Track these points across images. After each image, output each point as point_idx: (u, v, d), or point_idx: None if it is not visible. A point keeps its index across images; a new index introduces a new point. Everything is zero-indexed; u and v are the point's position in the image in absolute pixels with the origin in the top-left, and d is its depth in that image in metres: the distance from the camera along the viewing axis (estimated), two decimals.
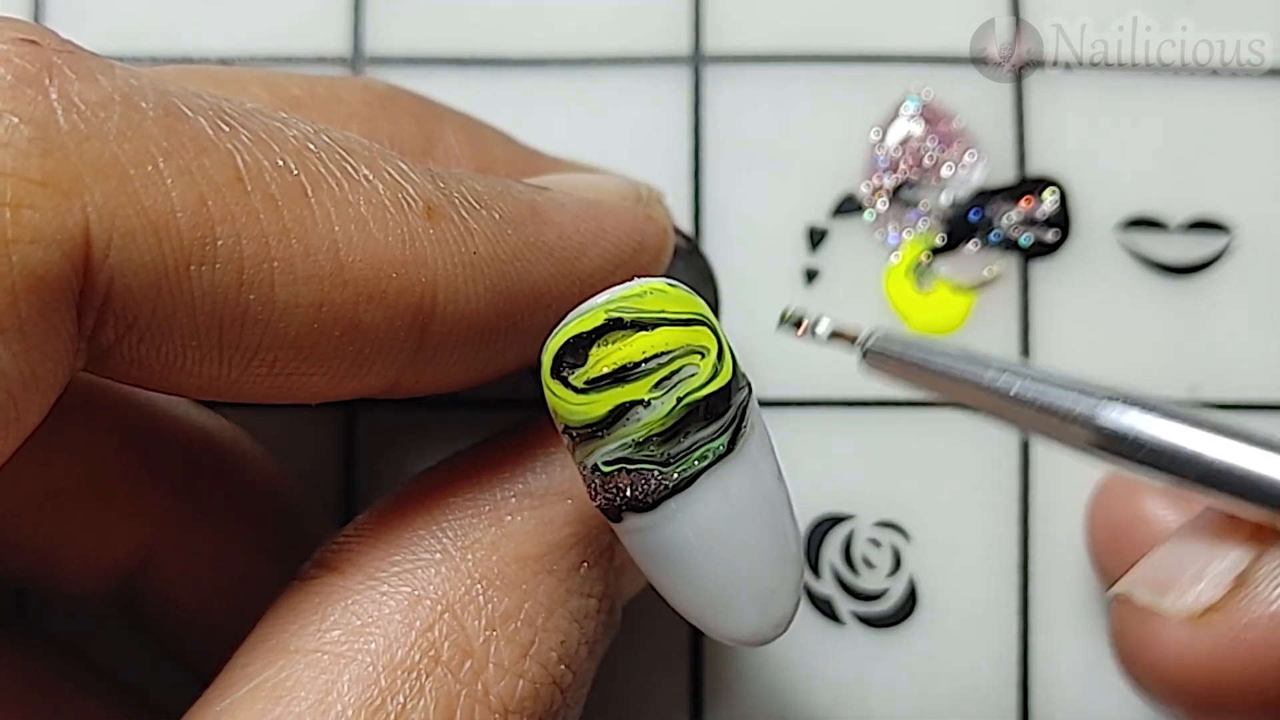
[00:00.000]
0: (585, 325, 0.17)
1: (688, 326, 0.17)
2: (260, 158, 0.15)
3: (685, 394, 0.17)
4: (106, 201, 0.14)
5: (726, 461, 0.17)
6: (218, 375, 0.16)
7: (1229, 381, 0.26)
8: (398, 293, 0.16)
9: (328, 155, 0.16)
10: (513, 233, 0.18)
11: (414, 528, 0.18)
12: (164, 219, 0.15)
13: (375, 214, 0.16)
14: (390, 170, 0.17)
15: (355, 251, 0.16)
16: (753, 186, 0.26)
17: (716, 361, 0.17)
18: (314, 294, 0.16)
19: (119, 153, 0.14)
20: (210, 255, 0.15)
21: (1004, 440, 0.26)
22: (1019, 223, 0.26)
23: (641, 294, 0.17)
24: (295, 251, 0.15)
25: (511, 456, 0.19)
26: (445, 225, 0.17)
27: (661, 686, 0.25)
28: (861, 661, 0.25)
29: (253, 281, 0.15)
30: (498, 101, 0.26)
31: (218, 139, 0.15)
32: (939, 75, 0.26)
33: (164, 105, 0.15)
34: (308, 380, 0.17)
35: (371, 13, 0.27)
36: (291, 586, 0.18)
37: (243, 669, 0.17)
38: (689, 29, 0.26)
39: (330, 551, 0.18)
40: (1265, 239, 0.26)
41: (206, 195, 0.15)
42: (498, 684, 0.17)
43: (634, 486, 0.17)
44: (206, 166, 0.15)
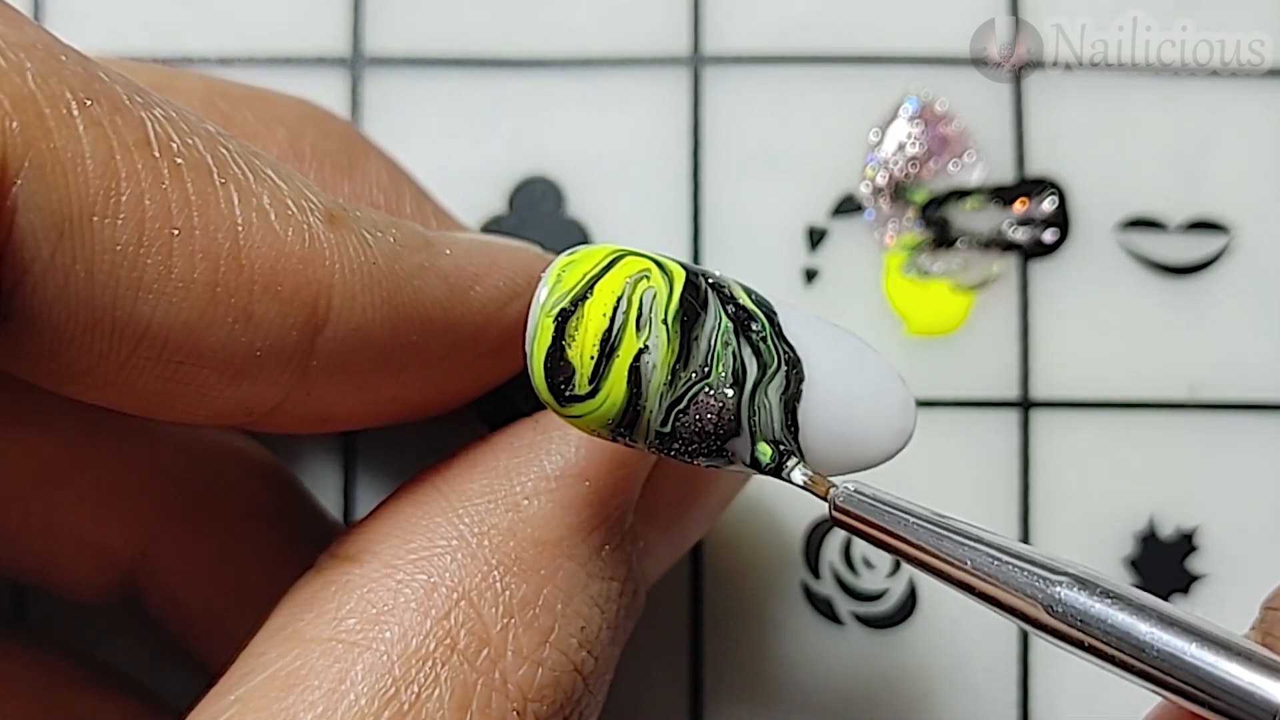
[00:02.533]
0: (545, 340, 0.16)
1: (614, 266, 0.17)
2: (170, 131, 0.16)
3: (664, 313, 0.17)
4: (22, 132, 0.14)
5: None
6: (107, 353, 0.16)
7: (1229, 381, 0.26)
8: (293, 288, 0.16)
9: (238, 150, 0.16)
10: (409, 253, 0.18)
11: (430, 515, 0.18)
12: (73, 162, 0.15)
13: (278, 208, 0.16)
14: (296, 179, 0.17)
15: (254, 238, 0.16)
16: (753, 186, 0.26)
17: (661, 270, 0.17)
18: (210, 272, 0.16)
19: (36, 91, 0.15)
20: (114, 208, 0.15)
21: (1004, 440, 0.26)
22: (1017, 223, 0.26)
23: (557, 277, 0.17)
24: (196, 224, 0.16)
25: (527, 440, 0.19)
26: (345, 233, 0.17)
27: (661, 686, 0.25)
28: (861, 661, 0.25)
29: (152, 245, 0.15)
30: (498, 101, 0.26)
31: (131, 105, 0.16)
32: (939, 75, 0.26)
33: (83, 64, 0.15)
34: (196, 377, 0.16)
35: (371, 13, 0.27)
36: (308, 575, 0.18)
37: (258, 657, 0.17)
38: (688, 29, 0.26)
39: (347, 540, 0.18)
40: (1265, 239, 0.26)
41: (116, 149, 0.15)
42: (516, 672, 0.17)
43: (705, 421, 0.17)
44: (119, 124, 0.15)
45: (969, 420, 0.26)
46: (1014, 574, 0.16)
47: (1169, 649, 0.16)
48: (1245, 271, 0.26)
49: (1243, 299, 0.26)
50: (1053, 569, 0.16)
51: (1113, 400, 0.26)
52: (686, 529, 0.21)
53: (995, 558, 0.16)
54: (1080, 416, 0.26)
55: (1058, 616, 0.16)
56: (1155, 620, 0.16)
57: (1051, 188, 0.26)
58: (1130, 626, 0.16)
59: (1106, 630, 0.16)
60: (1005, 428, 0.26)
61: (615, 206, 0.26)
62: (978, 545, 0.17)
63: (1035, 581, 0.16)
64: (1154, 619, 0.16)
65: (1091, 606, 0.16)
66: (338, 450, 0.26)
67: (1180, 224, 0.26)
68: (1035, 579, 0.16)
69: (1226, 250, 0.26)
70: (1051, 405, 0.26)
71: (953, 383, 0.26)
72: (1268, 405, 0.26)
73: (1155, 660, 0.16)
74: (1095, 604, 0.16)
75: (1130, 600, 0.16)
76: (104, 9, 0.26)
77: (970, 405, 0.26)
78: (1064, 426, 0.26)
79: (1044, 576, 0.16)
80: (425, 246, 0.18)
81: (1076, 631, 0.16)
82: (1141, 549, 0.25)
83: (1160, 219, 0.26)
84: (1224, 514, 0.26)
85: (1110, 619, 0.16)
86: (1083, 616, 0.16)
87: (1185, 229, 0.26)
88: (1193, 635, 0.16)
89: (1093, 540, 0.25)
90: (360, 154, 0.22)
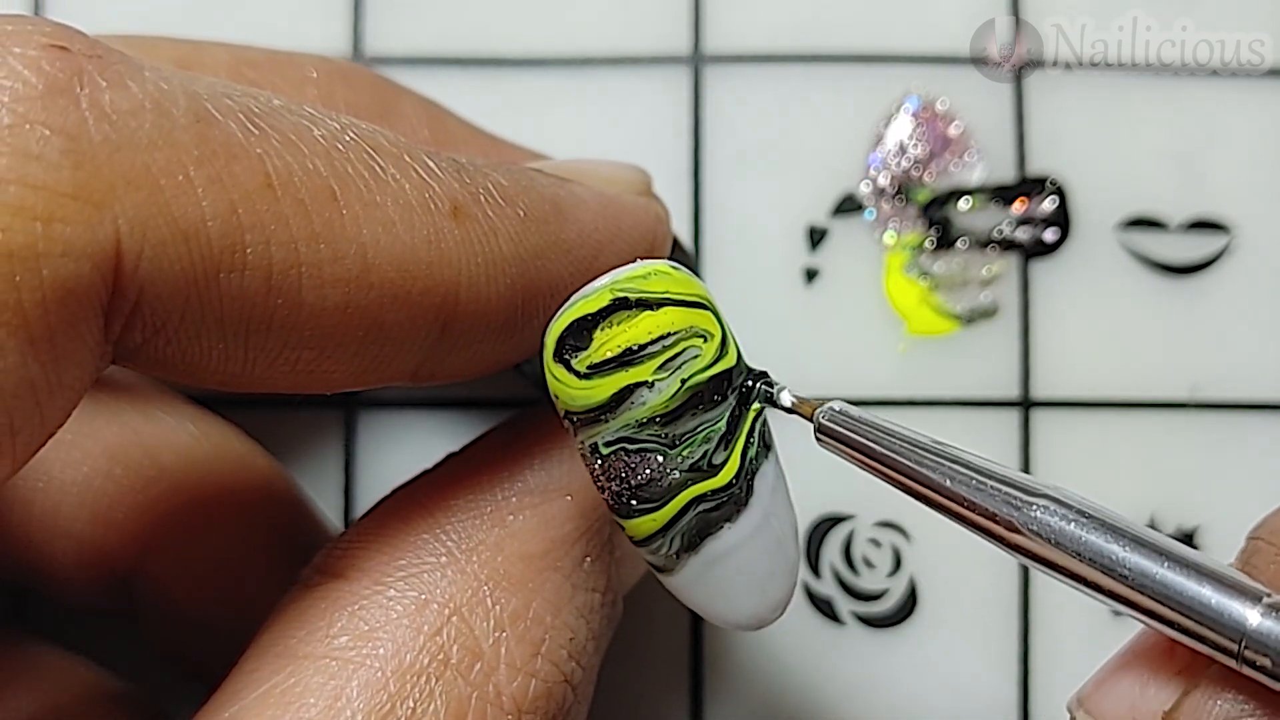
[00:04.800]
0: (590, 307, 0.17)
1: (692, 309, 0.17)
2: (290, 162, 0.15)
3: (689, 376, 0.17)
4: (138, 212, 0.14)
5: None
6: (241, 372, 0.16)
7: (1229, 381, 0.26)
8: (422, 293, 0.16)
9: (355, 154, 0.16)
10: (536, 231, 0.18)
11: (417, 531, 0.18)
12: (195, 228, 0.14)
13: (402, 215, 0.16)
14: (417, 168, 0.17)
15: (382, 254, 0.16)
16: (753, 186, 0.26)
17: (720, 345, 0.17)
18: (340, 296, 0.16)
19: (150, 163, 0.14)
20: (239, 262, 0.15)
21: (1003, 440, 0.26)
22: (1018, 222, 0.26)
23: (646, 275, 0.17)
24: (323, 256, 0.15)
25: (510, 455, 0.19)
26: (470, 225, 0.17)
27: (661, 686, 0.25)
28: (861, 661, 0.25)
29: (280, 286, 0.15)
30: (498, 101, 0.26)
31: (248, 144, 0.15)
32: (939, 75, 0.26)
33: (194, 111, 0.15)
34: (329, 374, 0.17)
35: (371, 13, 0.27)
36: (295, 592, 0.18)
37: (250, 674, 0.17)
38: (689, 29, 0.26)
39: (333, 556, 0.18)
40: (1265, 239, 0.26)
41: (237, 203, 0.15)
42: (510, 685, 0.17)
43: (638, 471, 0.17)
44: (237, 174, 0.15)
45: (969, 420, 0.26)
46: (991, 495, 0.16)
47: (1140, 569, 0.16)
48: (1245, 271, 0.26)
49: (1243, 299, 0.26)
50: (1029, 489, 0.16)
51: (1113, 400, 0.26)
52: None
53: (974, 479, 0.17)
54: (1080, 416, 0.26)
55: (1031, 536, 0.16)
56: (1129, 541, 0.16)
57: (1052, 187, 0.26)
58: (1103, 546, 0.16)
59: (1080, 549, 0.16)
60: (1005, 428, 0.26)
61: None
62: (957, 466, 0.17)
63: (1012, 501, 0.16)
64: (1127, 540, 0.16)
65: (1066, 527, 0.16)
66: (338, 451, 0.26)
67: (1180, 224, 0.26)
68: (1012, 499, 0.16)
69: (1226, 250, 0.26)
70: (1051, 405, 0.26)
71: (953, 383, 0.26)
72: (1268, 405, 0.26)
73: (1127, 580, 0.16)
74: (1069, 524, 0.16)
75: (1104, 521, 0.16)
76: (104, 9, 0.26)
77: (970, 405, 0.26)
78: (1064, 426, 0.26)
79: (1020, 498, 0.16)
80: (554, 215, 0.18)
81: (1052, 551, 0.16)
82: None
83: (1160, 219, 0.26)
84: (1224, 514, 0.26)
85: (1084, 539, 0.16)
86: (1058, 536, 0.16)
87: (1185, 229, 0.26)
88: (1165, 556, 0.16)
89: None
90: (393, 99, 0.22)
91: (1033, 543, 0.16)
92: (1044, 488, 0.16)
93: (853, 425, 0.18)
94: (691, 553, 0.17)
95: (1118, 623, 0.25)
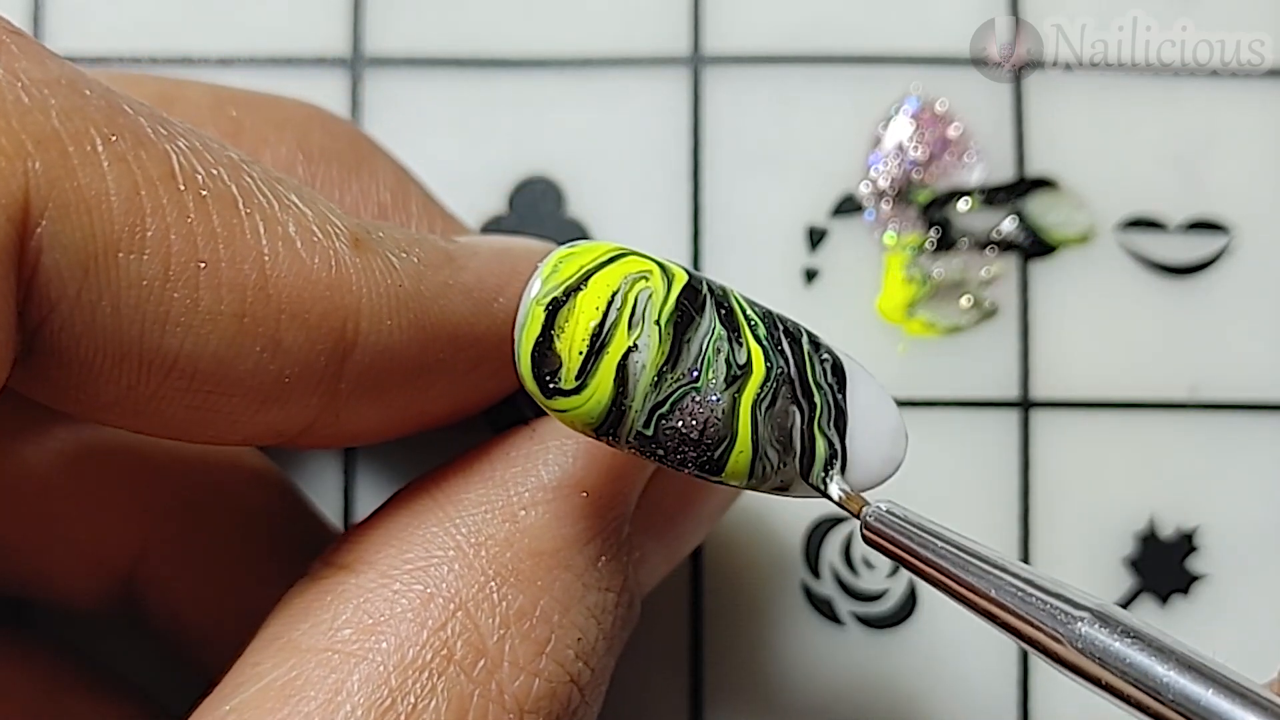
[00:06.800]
0: (534, 329, 0.16)
1: (613, 263, 0.17)
2: (195, 163, 0.16)
3: (658, 314, 0.17)
4: (46, 173, 0.14)
5: None
6: (135, 385, 0.16)
7: (1229, 381, 0.26)
8: (321, 315, 0.16)
9: (260, 177, 0.16)
10: (433, 272, 0.18)
11: (427, 524, 0.18)
12: (97, 199, 0.15)
13: (303, 236, 0.16)
14: (320, 203, 0.17)
15: (281, 267, 0.16)
16: (753, 186, 0.26)
17: (663, 273, 0.17)
18: (237, 303, 0.16)
19: (60, 129, 0.15)
20: (139, 244, 0.15)
21: (1004, 440, 0.26)
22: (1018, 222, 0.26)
23: (554, 268, 0.17)
24: (222, 256, 0.16)
25: (524, 450, 0.19)
26: (371, 257, 0.17)
27: (661, 686, 0.25)
28: (861, 662, 0.25)
29: (179, 279, 0.15)
30: (498, 101, 0.26)
31: (156, 138, 0.15)
32: (939, 75, 0.26)
33: (107, 98, 0.15)
34: (223, 409, 0.16)
35: (371, 13, 0.27)
36: (302, 584, 0.18)
37: (253, 667, 0.17)
38: (689, 29, 0.26)
39: (342, 549, 0.18)
40: (1265, 239, 0.26)
41: (140, 185, 0.15)
42: (513, 683, 0.17)
43: (689, 425, 0.17)
44: (143, 158, 0.15)
45: (969, 420, 0.26)
46: (1036, 607, 0.16)
47: (1186, 693, 0.15)
48: (1245, 271, 0.26)
49: (1243, 299, 0.26)
50: (1075, 603, 0.16)
51: (1113, 400, 0.26)
52: (681, 539, 0.21)
53: (1019, 590, 0.17)
54: (1080, 416, 0.26)
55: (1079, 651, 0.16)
56: (1174, 662, 0.16)
57: (1052, 188, 0.26)
58: (1149, 667, 0.16)
59: (1125, 669, 0.16)
60: (1005, 428, 0.26)
61: (615, 207, 0.26)
62: (1003, 575, 0.17)
63: (1057, 615, 0.16)
64: (1173, 661, 0.16)
65: (1111, 644, 0.16)
66: (338, 453, 0.26)
67: (1180, 224, 0.26)
68: (1058, 613, 0.16)
69: (1226, 250, 0.26)
70: (1051, 405, 0.26)
71: (953, 383, 0.26)
72: (1268, 405, 0.26)
73: (1172, 703, 0.15)
74: (1115, 642, 0.16)
75: (1150, 640, 0.16)
76: (104, 9, 0.26)
77: (970, 405, 0.26)
78: (1064, 426, 0.26)
79: (1066, 611, 0.16)
80: (448, 262, 0.18)
81: (1096, 667, 0.16)
82: (1141, 549, 0.26)
83: (1160, 219, 0.26)
84: (1224, 514, 0.26)
85: (1129, 658, 0.16)
86: (1102, 653, 0.16)
87: (1185, 229, 0.26)
88: (1211, 681, 0.15)
89: (1093, 540, 0.25)
90: (366, 154, 0.22)
91: (1078, 658, 0.16)
92: (1090, 601, 0.16)
93: (899, 527, 0.18)
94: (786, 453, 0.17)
95: None
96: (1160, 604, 0.25)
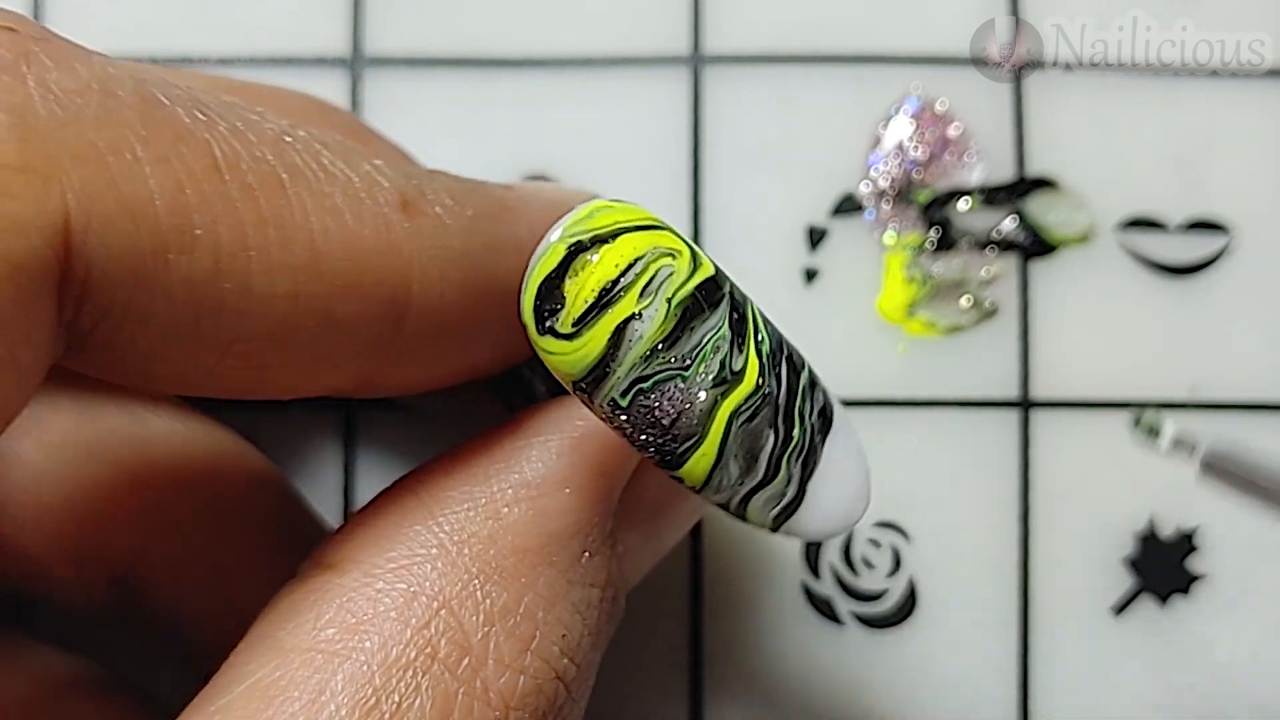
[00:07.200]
0: (550, 264, 0.16)
1: (649, 231, 0.17)
2: (237, 147, 0.15)
3: (673, 293, 0.16)
4: (85, 187, 0.14)
5: None
6: (193, 367, 0.16)
7: (1229, 382, 0.26)
8: (373, 284, 0.16)
9: (304, 148, 0.16)
10: (485, 226, 0.18)
11: (410, 523, 0.18)
12: (142, 205, 0.15)
13: (351, 206, 0.16)
14: (366, 165, 0.17)
15: (331, 242, 0.16)
16: (753, 186, 0.26)
17: (692, 258, 0.17)
18: (290, 284, 0.16)
19: (97, 139, 0.14)
20: (188, 243, 0.15)
21: (1004, 440, 0.26)
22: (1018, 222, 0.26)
23: (589, 214, 0.16)
24: (272, 241, 0.15)
25: (507, 447, 0.19)
26: (420, 219, 0.17)
27: (661, 686, 0.25)
28: (861, 661, 0.25)
29: (229, 270, 0.15)
30: (498, 101, 0.26)
31: (194, 128, 0.15)
32: (939, 75, 0.26)
33: (140, 93, 0.15)
34: (282, 373, 0.16)
35: (371, 13, 0.27)
36: (289, 584, 0.18)
37: (239, 668, 0.17)
38: (689, 29, 0.26)
39: (327, 548, 0.18)
40: (1265, 239, 0.26)
41: (184, 183, 0.15)
42: (498, 680, 0.17)
43: (665, 408, 0.16)
44: (184, 154, 0.15)
45: (969, 420, 0.26)
46: None
47: None
48: (1245, 271, 0.26)
49: (1243, 299, 0.26)
50: None
51: (1113, 400, 0.26)
52: (665, 532, 0.21)
53: None
54: (1080, 416, 0.26)
55: None
56: None
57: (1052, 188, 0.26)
58: None
59: None
60: (1005, 428, 0.26)
61: None
62: None
63: None
64: None
65: None
66: (338, 451, 0.26)
67: (1180, 224, 0.26)
68: None
69: (1226, 250, 0.26)
70: (1051, 405, 0.26)
71: (953, 383, 0.26)
72: (1268, 405, 0.26)
73: None
74: None
75: None
76: (104, 9, 0.26)
77: (970, 405, 0.26)
78: (1064, 426, 0.26)
79: None
80: (503, 213, 0.18)
81: None
82: (1141, 549, 0.25)
83: (1160, 219, 0.26)
84: (1224, 514, 0.25)
85: None
86: None
87: (1185, 229, 0.26)
88: None
89: (1093, 540, 0.25)
90: (366, 141, 0.22)
91: None
92: None
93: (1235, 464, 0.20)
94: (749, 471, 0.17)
95: (1118, 623, 0.25)
96: (1160, 604, 0.25)
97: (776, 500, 0.17)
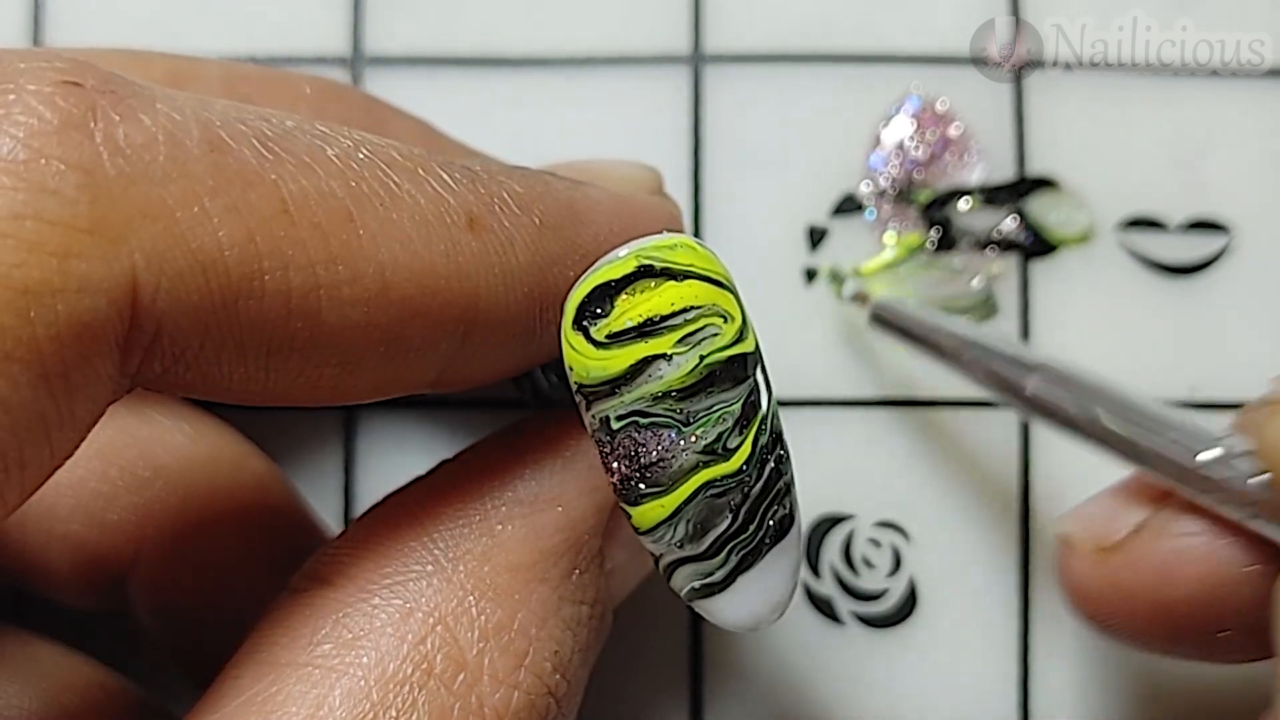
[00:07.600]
0: (615, 273, 0.16)
1: (715, 287, 0.17)
2: (305, 185, 0.15)
3: (708, 353, 0.17)
4: (154, 245, 0.14)
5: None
6: (262, 390, 0.16)
7: (1228, 381, 0.26)
8: (441, 306, 0.16)
9: (370, 173, 0.16)
10: (552, 237, 0.18)
11: (405, 539, 0.18)
12: (212, 258, 0.14)
13: (419, 231, 0.16)
14: (432, 182, 0.17)
15: (400, 271, 0.16)
16: (753, 186, 0.26)
17: (740, 328, 0.17)
18: (360, 315, 0.16)
19: (165, 195, 0.14)
20: (258, 289, 0.15)
21: (1004, 440, 0.26)
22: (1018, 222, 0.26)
23: (672, 246, 0.17)
24: (341, 277, 0.15)
25: (501, 464, 0.19)
26: (487, 236, 0.17)
27: (661, 686, 0.25)
28: (861, 661, 0.25)
29: (300, 310, 0.15)
30: (498, 101, 0.26)
31: (262, 170, 0.15)
32: (939, 75, 0.26)
33: (208, 139, 0.15)
34: (351, 387, 0.17)
35: (371, 13, 0.27)
36: (283, 599, 0.18)
37: (234, 682, 0.17)
38: (689, 29, 0.26)
39: (321, 563, 0.18)
40: (1265, 239, 0.26)
41: (254, 231, 0.15)
42: (492, 696, 0.17)
43: (649, 448, 0.17)
44: (253, 201, 0.15)
45: (969, 420, 0.26)
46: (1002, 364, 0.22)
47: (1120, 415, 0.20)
48: (1245, 271, 0.26)
49: (1243, 299, 0.26)
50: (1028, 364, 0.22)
51: None
52: None
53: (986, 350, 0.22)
54: None
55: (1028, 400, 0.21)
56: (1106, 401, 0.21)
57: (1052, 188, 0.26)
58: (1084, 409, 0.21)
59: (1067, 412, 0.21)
60: (1005, 428, 0.26)
61: None
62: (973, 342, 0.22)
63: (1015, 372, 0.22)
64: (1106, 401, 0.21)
65: (1053, 391, 0.21)
66: (338, 452, 0.26)
67: (1180, 224, 0.26)
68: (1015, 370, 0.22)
69: (1226, 250, 0.26)
70: None
71: (953, 383, 0.26)
72: None
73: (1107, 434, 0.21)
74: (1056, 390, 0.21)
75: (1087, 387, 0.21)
76: (104, 9, 0.26)
77: (970, 405, 0.26)
78: None
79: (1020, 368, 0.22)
80: (570, 220, 0.18)
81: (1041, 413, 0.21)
82: None
83: (1160, 219, 0.26)
84: None
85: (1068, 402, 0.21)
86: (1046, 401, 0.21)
87: (1185, 229, 0.26)
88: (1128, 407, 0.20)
89: None
90: (385, 118, 0.22)
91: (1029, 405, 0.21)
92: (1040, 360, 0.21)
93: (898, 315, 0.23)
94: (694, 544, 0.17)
95: None
96: None
97: (703, 576, 0.17)
